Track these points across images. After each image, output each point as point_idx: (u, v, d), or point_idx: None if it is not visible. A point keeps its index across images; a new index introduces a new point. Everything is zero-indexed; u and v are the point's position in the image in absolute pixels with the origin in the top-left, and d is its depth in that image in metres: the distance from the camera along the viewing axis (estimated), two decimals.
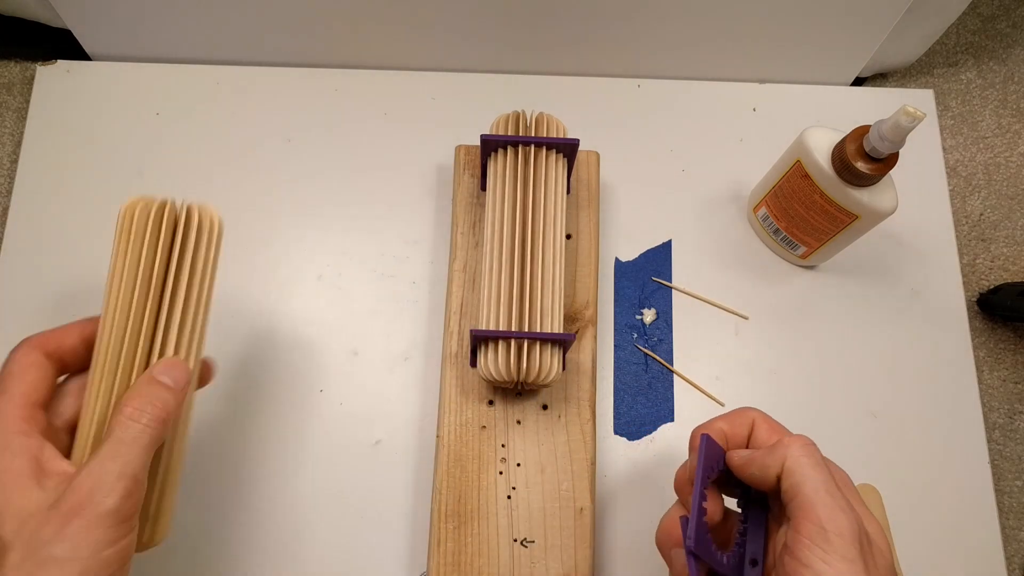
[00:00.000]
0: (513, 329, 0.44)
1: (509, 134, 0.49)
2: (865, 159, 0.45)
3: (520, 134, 0.49)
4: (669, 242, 0.57)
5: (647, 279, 0.56)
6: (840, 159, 0.45)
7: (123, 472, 0.33)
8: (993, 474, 0.52)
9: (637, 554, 0.49)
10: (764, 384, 0.54)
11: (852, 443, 0.52)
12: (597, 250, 0.53)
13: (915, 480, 0.52)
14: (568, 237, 0.52)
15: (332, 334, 0.54)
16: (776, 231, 0.55)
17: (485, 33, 0.58)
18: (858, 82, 0.64)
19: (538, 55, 0.60)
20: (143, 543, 0.37)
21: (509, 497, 0.47)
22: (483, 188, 0.52)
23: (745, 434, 0.38)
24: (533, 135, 0.49)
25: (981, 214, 0.62)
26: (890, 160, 0.45)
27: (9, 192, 0.57)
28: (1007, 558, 0.51)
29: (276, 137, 0.58)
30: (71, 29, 0.59)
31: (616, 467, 0.51)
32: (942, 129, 0.63)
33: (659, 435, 0.52)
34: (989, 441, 0.54)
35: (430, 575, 0.45)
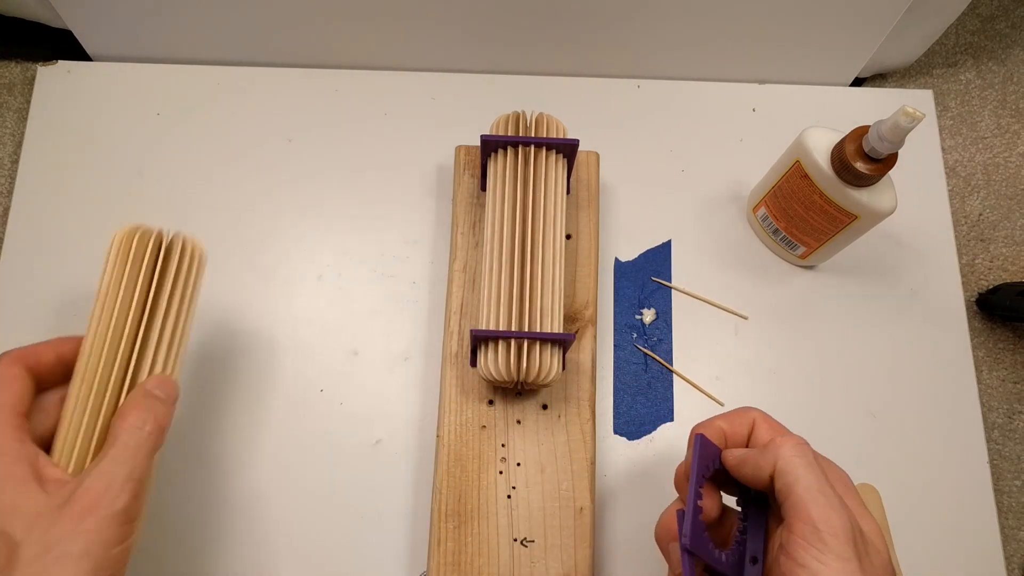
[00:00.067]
0: (513, 329, 0.44)
1: (509, 134, 0.49)
2: (864, 159, 0.45)
3: (520, 134, 0.49)
4: (669, 242, 0.57)
5: (647, 279, 0.56)
6: (839, 159, 0.46)
7: (131, 475, 0.35)
8: (992, 474, 0.52)
9: (637, 554, 0.49)
10: (763, 384, 0.54)
11: (851, 443, 0.52)
12: (597, 250, 0.53)
13: (914, 480, 0.52)
14: (568, 237, 0.52)
15: (332, 334, 0.54)
16: (775, 231, 0.55)
17: (485, 33, 0.58)
18: (857, 82, 0.64)
19: (538, 55, 0.60)
20: None
21: (509, 497, 0.47)
22: (483, 188, 0.52)
23: (745, 433, 0.38)
24: (533, 135, 0.49)
25: (980, 214, 0.62)
26: (889, 160, 0.45)
27: (10, 192, 0.57)
28: (1006, 558, 0.51)
29: (276, 137, 0.59)
30: (72, 29, 0.59)
31: (616, 467, 0.51)
32: (941, 129, 0.63)
33: (659, 435, 0.52)
34: (988, 441, 0.54)
35: (430, 575, 0.45)
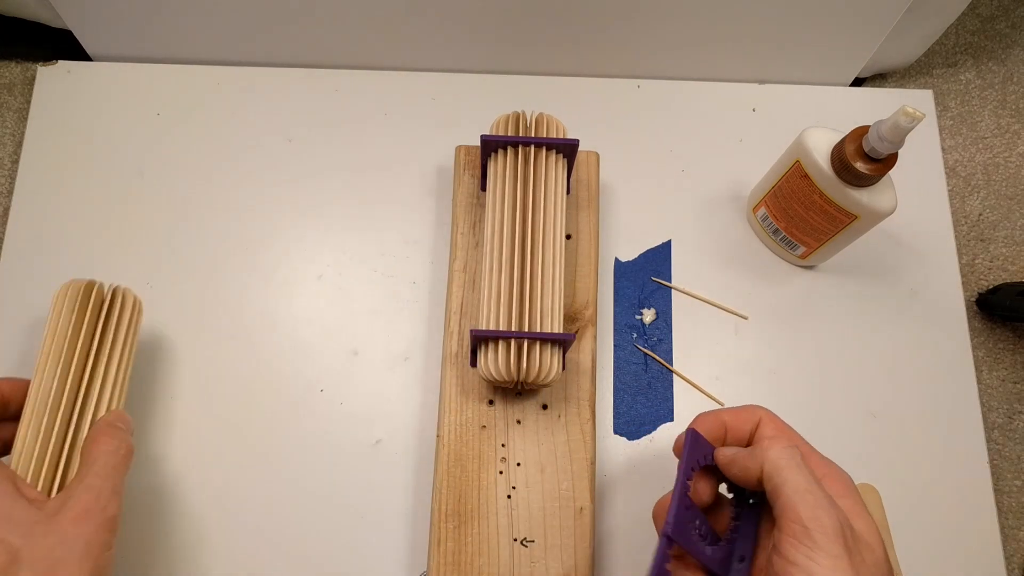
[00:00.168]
0: (513, 329, 0.44)
1: (509, 134, 0.49)
2: (864, 159, 0.45)
3: (520, 134, 0.49)
4: (669, 242, 0.57)
5: (647, 279, 0.56)
6: (839, 159, 0.46)
7: (114, 489, 0.39)
8: (992, 474, 0.52)
9: (637, 554, 0.49)
10: (763, 384, 0.54)
11: (851, 443, 0.52)
12: (597, 250, 0.53)
13: (914, 480, 0.52)
14: (568, 237, 0.52)
15: (332, 334, 0.54)
16: (775, 231, 0.55)
17: (485, 33, 0.58)
18: (857, 82, 0.64)
19: (538, 55, 0.60)
20: None
21: (509, 497, 0.47)
22: (483, 188, 0.52)
23: (748, 430, 0.39)
24: (533, 135, 0.49)
25: (980, 214, 0.62)
26: (889, 160, 0.45)
27: (10, 192, 0.57)
28: (1006, 558, 0.51)
29: (276, 137, 0.59)
30: (72, 30, 0.59)
31: (616, 467, 0.51)
32: (941, 129, 0.63)
33: (659, 435, 0.52)
34: (988, 441, 0.54)
35: (430, 575, 0.45)
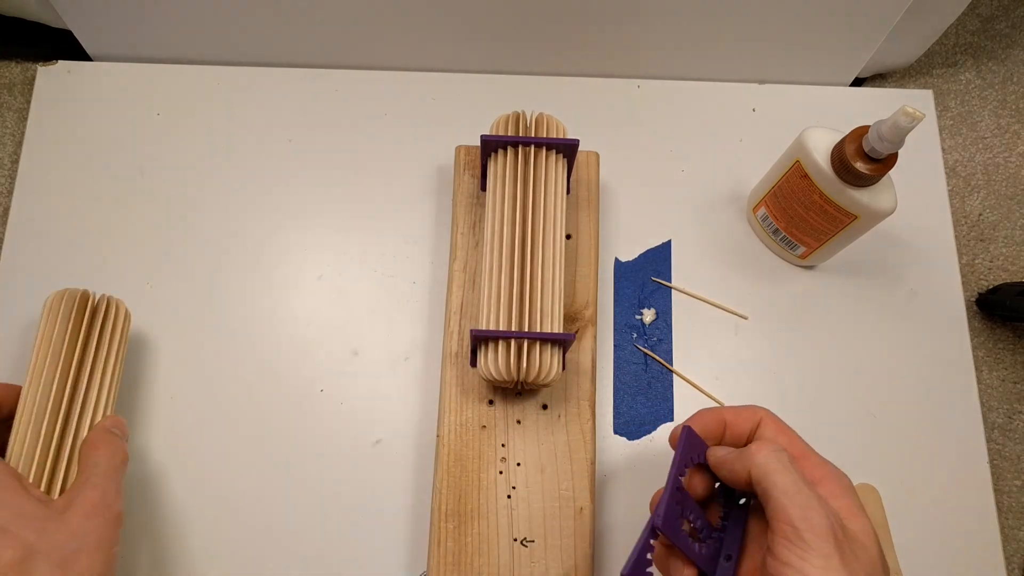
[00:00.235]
0: (513, 329, 0.44)
1: (509, 134, 0.49)
2: (864, 159, 0.45)
3: (520, 134, 0.49)
4: (669, 242, 0.57)
5: (647, 279, 0.56)
6: (839, 159, 0.46)
7: (117, 489, 0.41)
8: (992, 474, 0.52)
9: None
10: (763, 384, 0.54)
11: (851, 443, 0.52)
12: (597, 250, 0.53)
13: (914, 480, 0.52)
14: (568, 237, 0.52)
15: (332, 334, 0.54)
16: (775, 231, 0.55)
17: (485, 33, 0.58)
18: (857, 82, 0.64)
19: (538, 55, 0.60)
20: None
21: (509, 497, 0.47)
22: (483, 188, 0.52)
23: (748, 429, 0.39)
24: (533, 135, 0.49)
25: (980, 214, 0.62)
26: (889, 160, 0.45)
27: (10, 192, 0.57)
28: (1006, 557, 0.51)
29: (277, 137, 0.59)
30: (72, 30, 0.59)
31: (616, 467, 0.51)
32: (941, 129, 0.63)
33: (659, 435, 0.52)
34: (988, 441, 0.54)
35: (430, 575, 0.45)
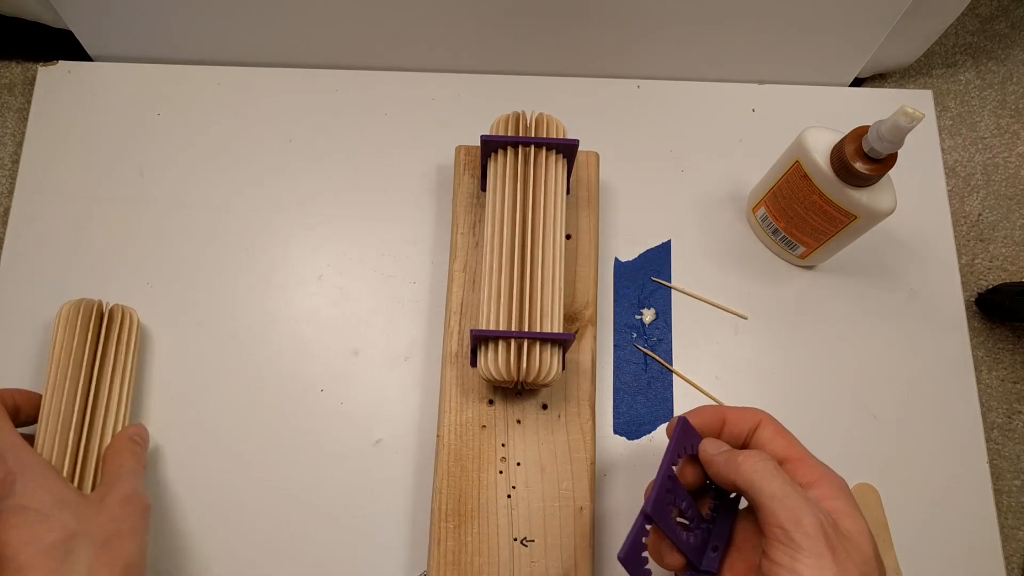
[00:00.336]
0: (513, 329, 0.44)
1: (509, 135, 0.49)
2: (864, 159, 0.45)
3: (520, 135, 0.49)
4: (668, 242, 0.57)
5: (647, 279, 0.56)
6: (839, 159, 0.46)
7: (144, 486, 0.44)
8: (992, 473, 0.52)
9: None
10: (763, 384, 0.54)
11: (851, 443, 0.52)
12: (597, 250, 0.53)
13: (914, 480, 0.52)
14: (568, 237, 0.52)
15: (332, 334, 0.54)
16: (775, 231, 0.55)
17: (485, 34, 0.58)
18: (857, 83, 0.64)
19: (538, 55, 0.60)
20: None
21: (509, 496, 0.47)
22: (483, 188, 0.52)
23: (747, 429, 0.40)
24: (533, 136, 0.49)
25: (980, 214, 0.62)
26: (889, 160, 0.45)
27: (10, 192, 0.57)
28: (1006, 557, 0.51)
29: (277, 138, 0.59)
30: (72, 30, 0.59)
31: (616, 466, 0.51)
32: (941, 129, 0.64)
33: (658, 434, 0.52)
34: (988, 441, 0.54)
35: (430, 574, 0.45)
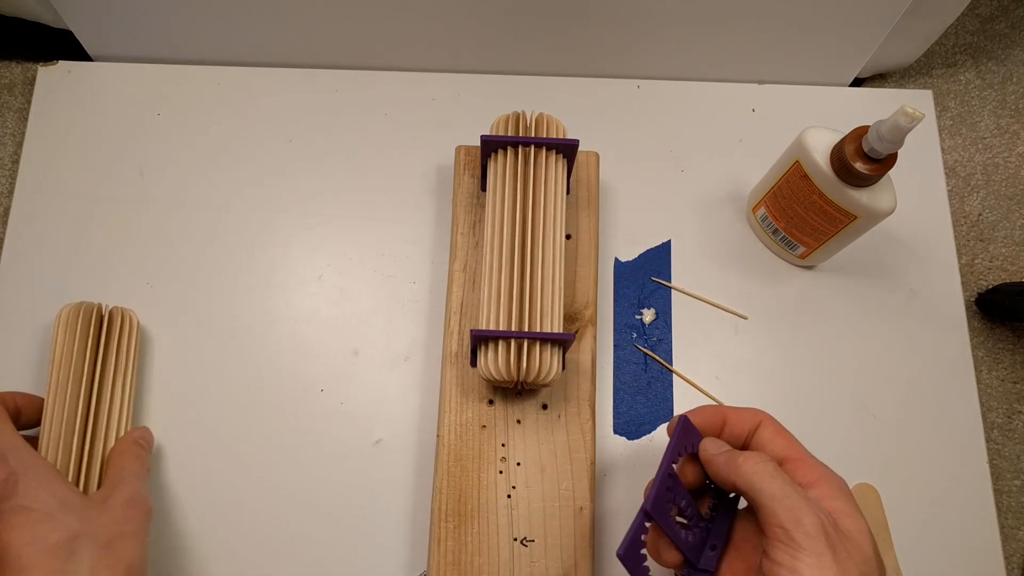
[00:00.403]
0: (513, 329, 0.44)
1: (509, 135, 0.49)
2: (864, 159, 0.45)
3: (520, 135, 0.49)
4: (668, 242, 0.57)
5: (647, 279, 0.56)
6: (839, 159, 0.46)
7: (147, 488, 0.44)
8: (992, 473, 0.52)
9: None
10: (763, 384, 0.54)
11: (851, 443, 0.52)
12: (597, 250, 0.53)
13: (914, 480, 0.52)
14: (568, 237, 0.53)
15: (332, 334, 0.54)
16: (775, 231, 0.55)
17: (485, 34, 0.58)
18: (857, 83, 0.64)
19: (538, 55, 0.60)
20: None
21: (509, 496, 0.47)
22: (483, 188, 0.52)
23: (747, 429, 0.40)
24: (533, 136, 0.49)
25: (980, 214, 0.62)
26: (889, 160, 0.45)
27: (10, 192, 0.57)
28: (1006, 557, 0.51)
29: (277, 138, 0.59)
30: (72, 30, 0.59)
31: (616, 466, 0.51)
32: (941, 129, 0.64)
33: (658, 434, 0.52)
34: (988, 441, 0.54)
35: (430, 574, 0.45)
